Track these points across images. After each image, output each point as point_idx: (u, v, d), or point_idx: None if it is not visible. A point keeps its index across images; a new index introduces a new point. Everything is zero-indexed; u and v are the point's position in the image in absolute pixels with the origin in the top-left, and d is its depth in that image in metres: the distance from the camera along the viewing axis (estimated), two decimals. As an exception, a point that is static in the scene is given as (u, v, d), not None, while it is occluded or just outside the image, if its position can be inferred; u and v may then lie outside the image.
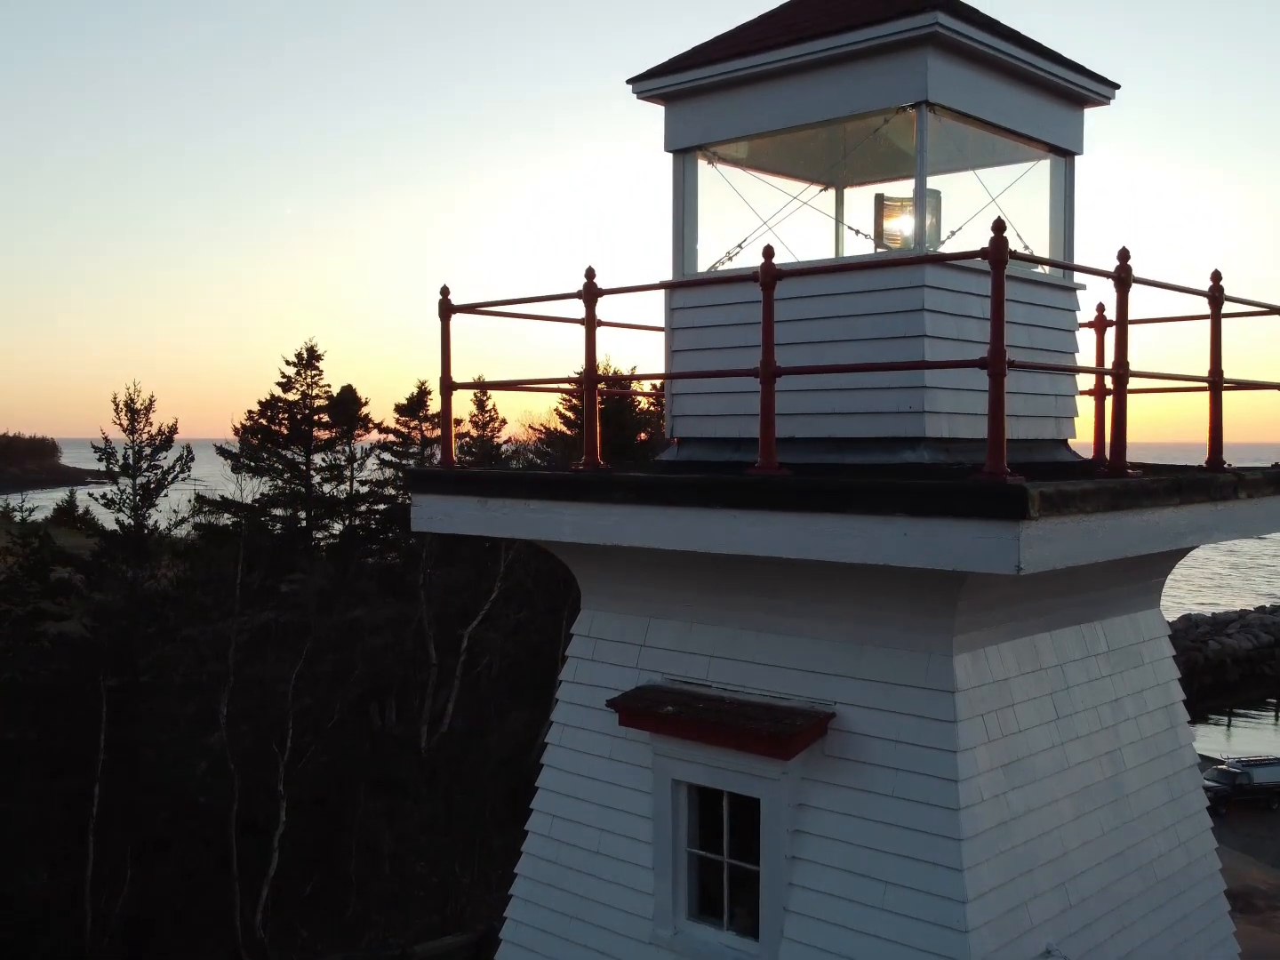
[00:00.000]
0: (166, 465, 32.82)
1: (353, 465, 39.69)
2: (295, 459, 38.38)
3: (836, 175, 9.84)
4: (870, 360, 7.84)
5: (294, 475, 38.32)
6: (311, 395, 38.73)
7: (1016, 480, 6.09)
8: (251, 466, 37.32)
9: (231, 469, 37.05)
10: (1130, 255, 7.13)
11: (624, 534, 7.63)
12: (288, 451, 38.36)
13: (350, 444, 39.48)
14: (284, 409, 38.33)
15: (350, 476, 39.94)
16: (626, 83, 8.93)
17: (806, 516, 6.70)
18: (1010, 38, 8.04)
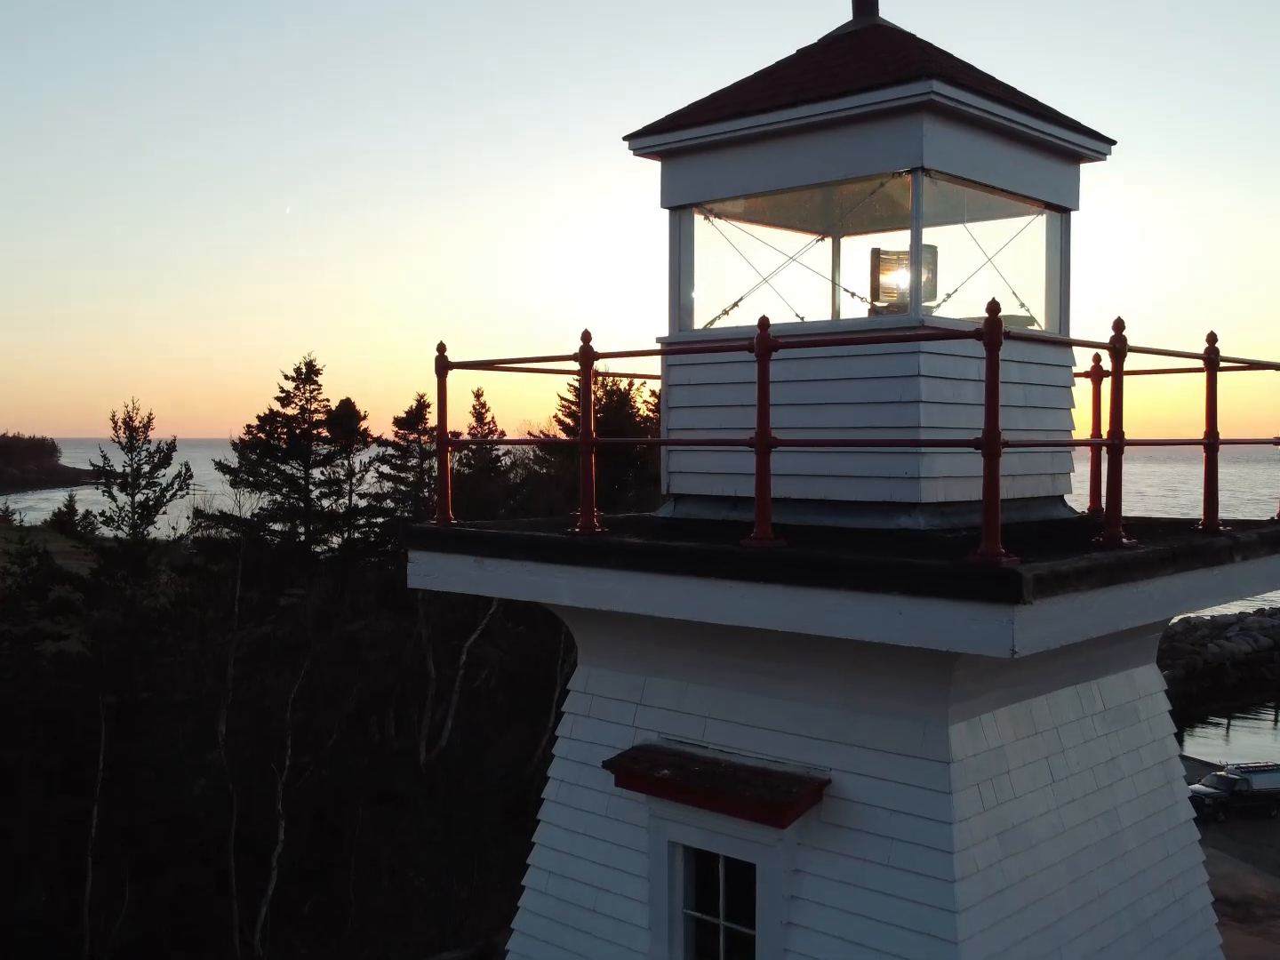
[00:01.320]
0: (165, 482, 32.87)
1: (352, 479, 39.69)
2: (294, 474, 38.39)
3: (833, 227, 9.85)
4: (866, 422, 7.86)
5: (293, 490, 38.33)
6: (310, 410, 38.76)
7: (1011, 563, 6.09)
8: (250, 481, 37.33)
9: (230, 484, 37.10)
10: (1125, 325, 7.13)
11: (620, 600, 7.64)
12: (287, 466, 38.38)
13: (349, 458, 39.48)
14: (283, 424, 38.34)
15: (349, 491, 39.94)
16: (623, 139, 8.94)
17: (801, 591, 6.70)
18: (1005, 100, 8.05)
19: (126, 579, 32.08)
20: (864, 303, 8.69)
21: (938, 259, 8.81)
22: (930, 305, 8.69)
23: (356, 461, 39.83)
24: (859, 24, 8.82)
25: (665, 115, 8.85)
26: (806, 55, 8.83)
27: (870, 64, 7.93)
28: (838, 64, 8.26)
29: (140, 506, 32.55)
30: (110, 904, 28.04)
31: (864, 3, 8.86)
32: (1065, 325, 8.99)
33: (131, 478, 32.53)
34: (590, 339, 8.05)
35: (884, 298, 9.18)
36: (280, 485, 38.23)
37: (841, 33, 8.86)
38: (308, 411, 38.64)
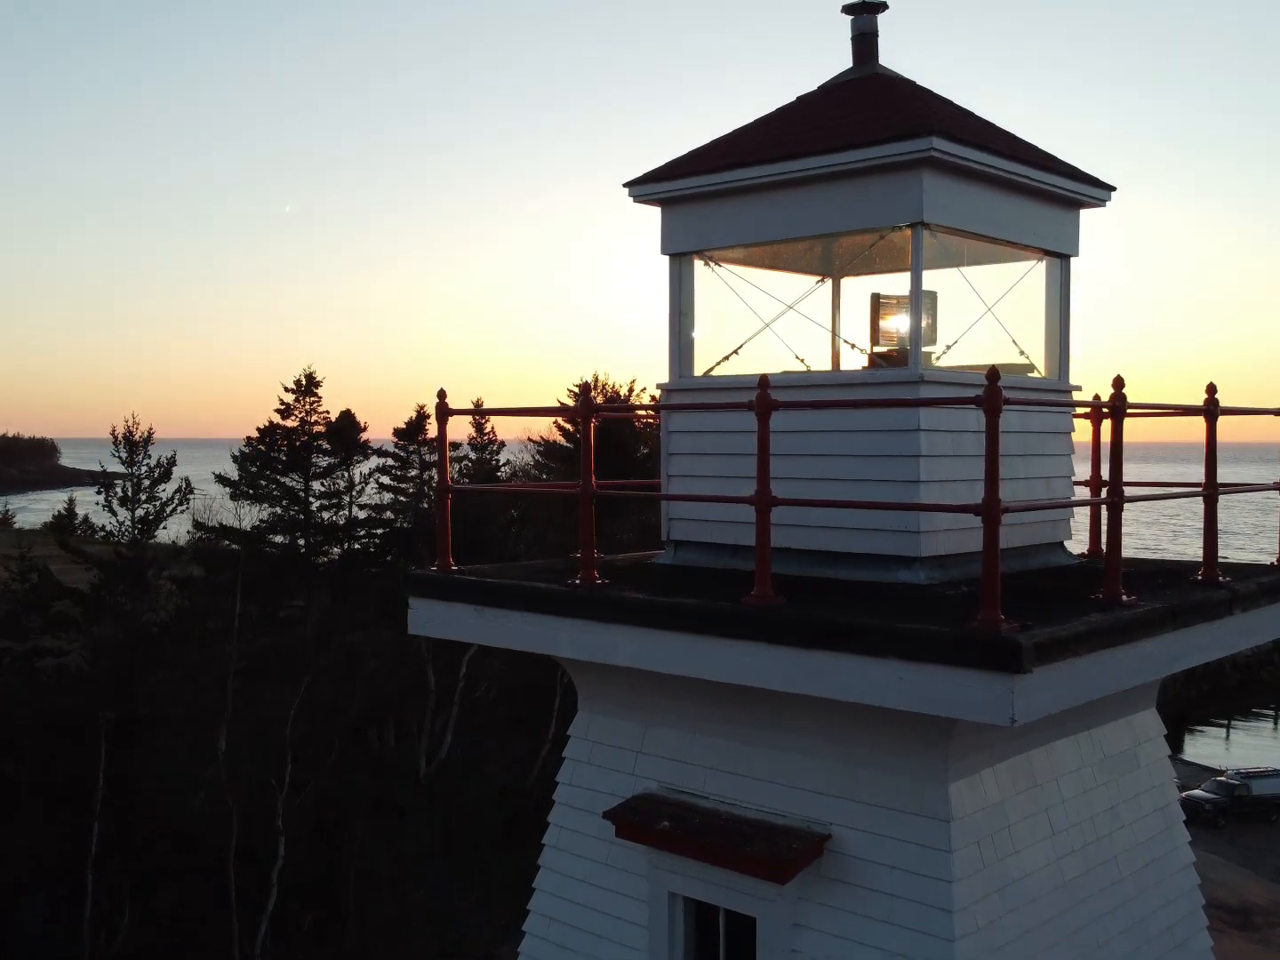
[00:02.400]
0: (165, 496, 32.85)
1: (352, 491, 39.69)
2: (294, 486, 38.40)
3: (833, 270, 9.86)
4: (867, 474, 7.88)
5: (293, 502, 38.33)
6: (310, 421, 38.76)
7: (1011, 629, 6.10)
8: (250, 494, 37.32)
9: (230, 496, 37.11)
10: (1124, 383, 7.15)
11: (620, 654, 7.66)
12: (287, 478, 38.39)
13: (349, 469, 39.49)
14: (283, 435, 38.34)
15: (349, 502, 39.95)
16: (623, 186, 8.95)
17: (801, 652, 6.72)
18: (1004, 152, 8.05)
19: (126, 593, 32.08)
20: (863, 354, 8.70)
21: (937, 305, 8.84)
22: (930, 351, 8.71)
23: (356, 473, 39.85)
24: (859, 72, 8.83)
25: (666, 162, 8.87)
26: (807, 103, 8.84)
27: (870, 116, 7.94)
28: (838, 114, 8.27)
29: (140, 521, 32.56)
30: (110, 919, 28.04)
31: (863, 50, 8.87)
32: (1065, 371, 9.00)
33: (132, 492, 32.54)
34: (590, 390, 8.06)
35: (883, 342, 9.20)
36: (280, 497, 38.24)
37: (842, 80, 8.87)
38: (308, 423, 38.65)
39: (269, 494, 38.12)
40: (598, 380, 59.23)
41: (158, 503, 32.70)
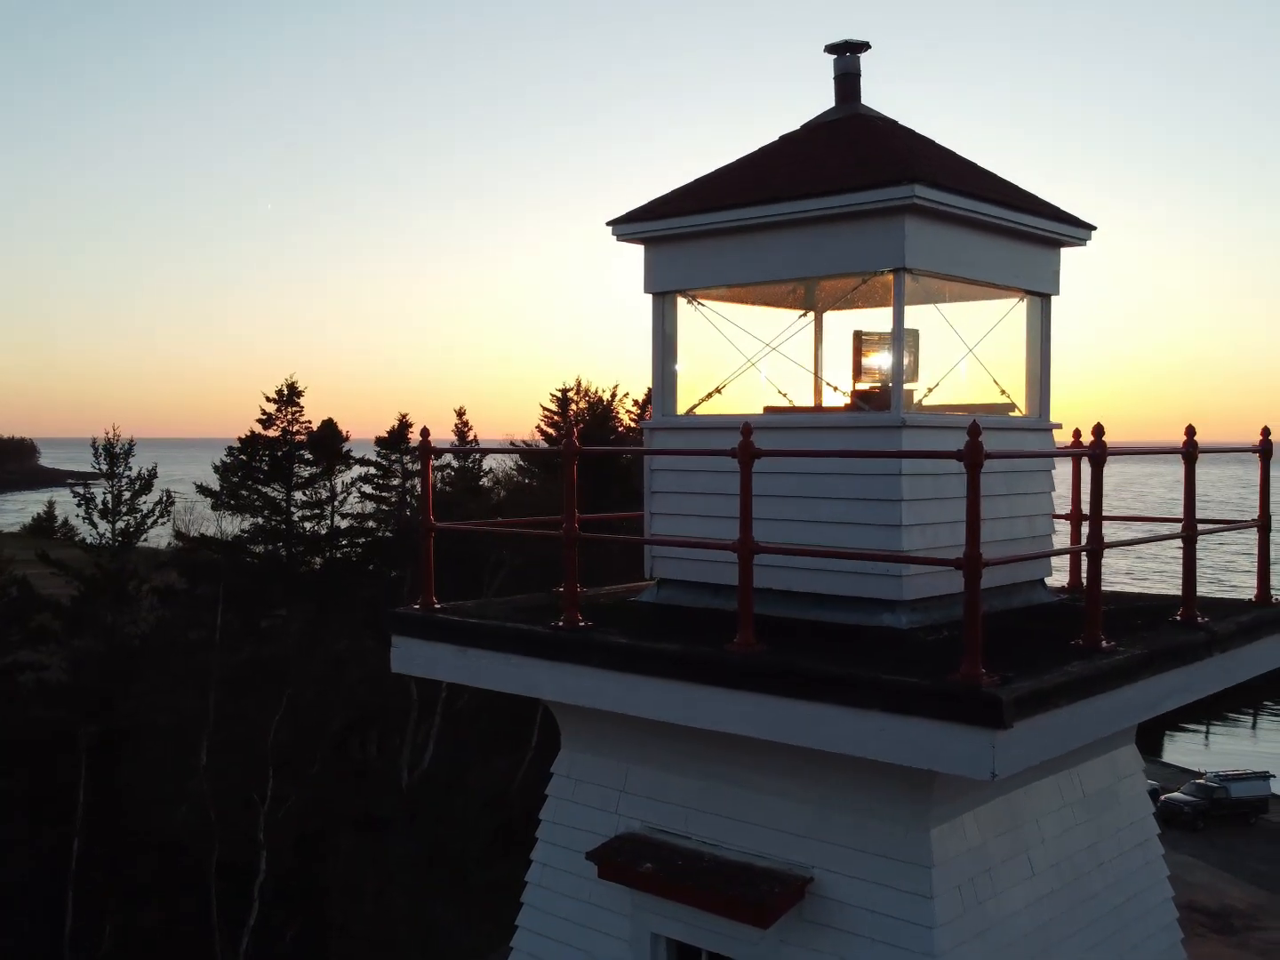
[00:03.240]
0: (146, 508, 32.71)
1: (334, 501, 39.60)
2: (275, 496, 38.29)
3: (816, 305, 9.90)
4: (849, 516, 7.92)
5: (274, 512, 38.22)
6: (293, 432, 38.65)
7: (992, 684, 6.13)
8: (232, 505, 37.20)
9: (212, 507, 36.99)
10: (1104, 430, 7.20)
11: (602, 698, 7.68)
12: (268, 489, 38.27)
13: (331, 479, 39.38)
14: (265, 446, 38.22)
15: (331, 512, 39.85)
16: (606, 224, 8.96)
17: (784, 701, 6.74)
18: (986, 196, 8.10)
19: (107, 606, 31.93)
20: (845, 396, 8.74)
21: (919, 343, 8.89)
22: (912, 388, 8.77)
23: (339, 482, 39.74)
24: (842, 111, 8.87)
25: (649, 201, 8.89)
26: (790, 143, 8.87)
27: (853, 161, 7.97)
28: (821, 157, 8.30)
29: (121, 534, 32.41)
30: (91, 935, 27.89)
31: (846, 90, 8.91)
32: (1046, 409, 9.05)
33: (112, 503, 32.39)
34: (574, 432, 8.07)
35: (866, 379, 9.24)
36: (262, 508, 38.12)
37: (825, 120, 8.90)
38: (290, 434, 38.54)
39: (251, 504, 37.98)
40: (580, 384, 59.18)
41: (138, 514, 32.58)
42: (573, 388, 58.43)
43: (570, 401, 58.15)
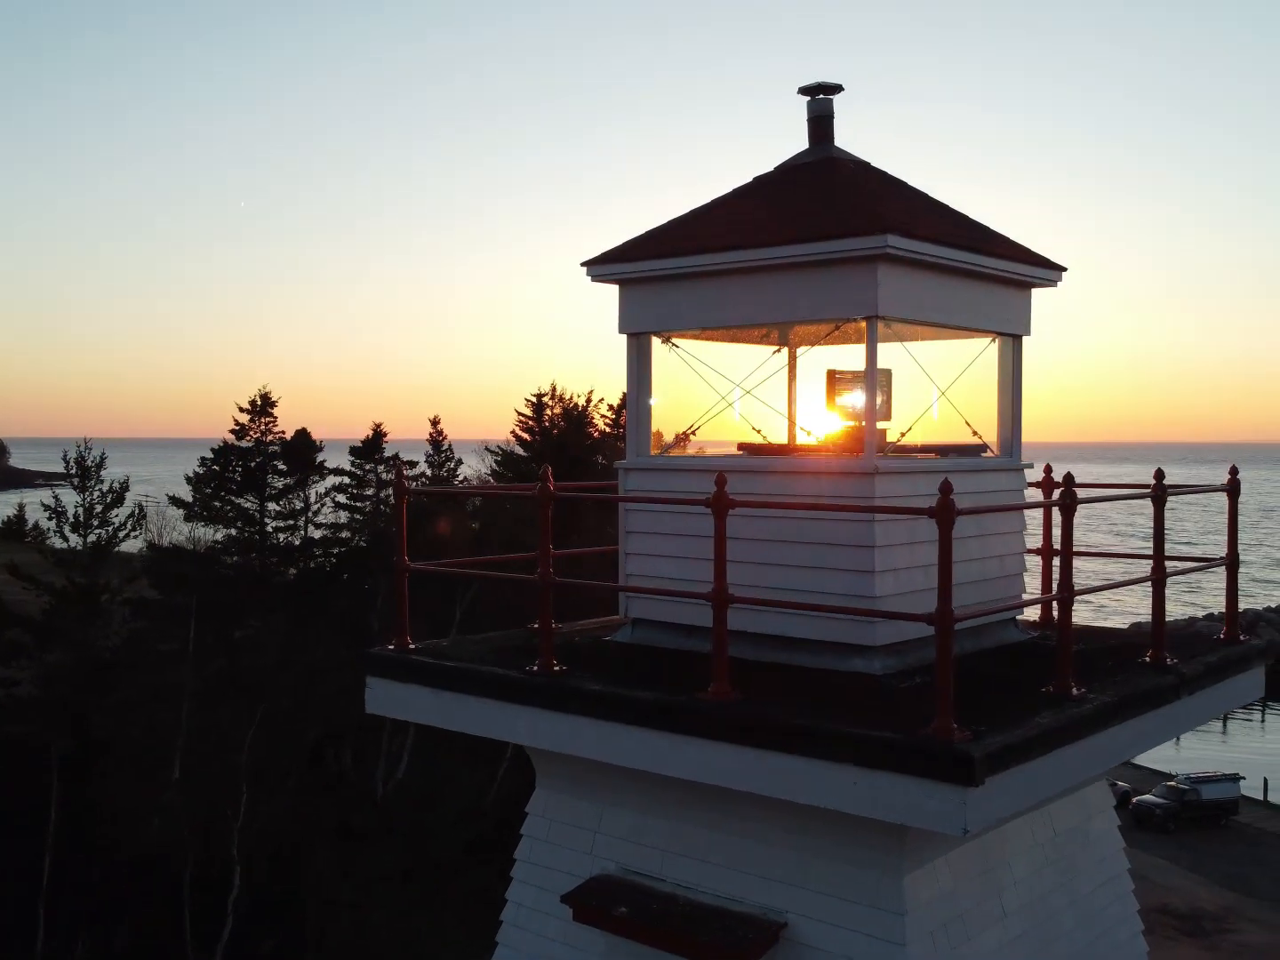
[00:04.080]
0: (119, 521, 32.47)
1: (308, 512, 39.45)
2: (249, 507, 38.12)
3: (790, 341, 9.95)
4: (822, 561, 7.96)
5: (248, 524, 38.04)
6: (266, 442, 38.47)
7: (964, 738, 6.18)
8: (205, 516, 37.00)
9: (185, 518, 36.76)
10: (1074, 479, 7.27)
11: (577, 745, 7.71)
12: (242, 500, 38.10)
13: (305, 490, 39.22)
14: (238, 456, 38.04)
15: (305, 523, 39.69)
16: (581, 265, 8.98)
17: (757, 752, 6.79)
18: (957, 242, 8.16)
19: (79, 620, 31.71)
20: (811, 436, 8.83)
21: (891, 382, 8.95)
22: (885, 427, 8.83)
23: (313, 493, 39.58)
24: (815, 154, 8.91)
25: (624, 242, 8.91)
26: (764, 185, 8.92)
27: (826, 207, 8.02)
28: (794, 202, 8.35)
29: (93, 547, 32.18)
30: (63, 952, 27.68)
31: (820, 132, 8.96)
32: (1017, 448, 9.12)
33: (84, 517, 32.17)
34: (550, 476, 8.08)
35: (839, 417, 9.31)
36: (235, 519, 37.94)
37: (798, 162, 8.95)
38: (263, 444, 38.37)
39: (224, 515, 37.80)
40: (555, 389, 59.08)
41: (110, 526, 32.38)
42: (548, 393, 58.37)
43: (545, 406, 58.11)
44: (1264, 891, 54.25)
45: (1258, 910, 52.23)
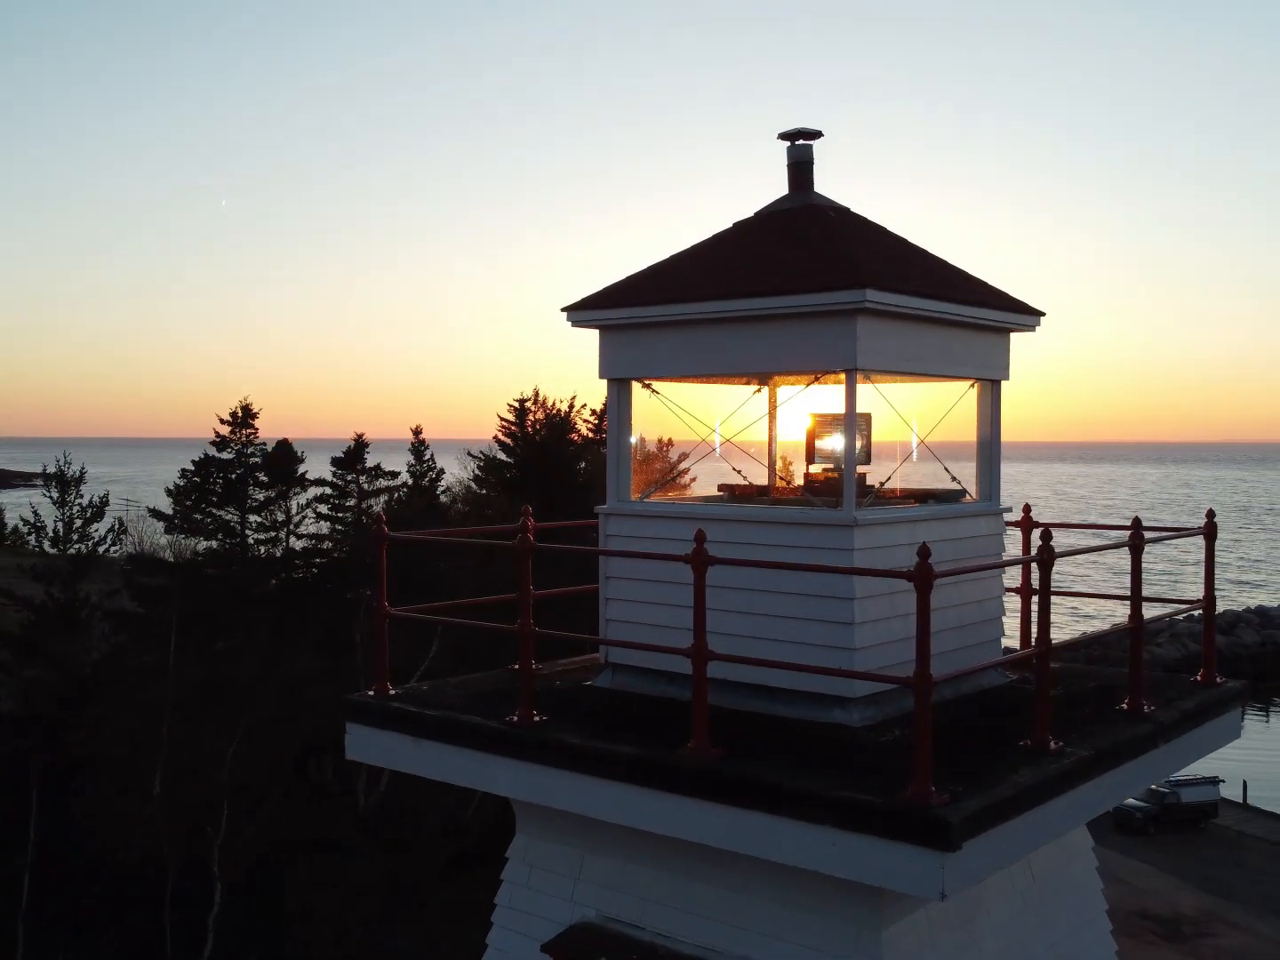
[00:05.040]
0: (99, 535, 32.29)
1: (289, 524, 39.31)
2: (230, 519, 37.98)
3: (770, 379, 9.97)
4: (801, 612, 7.99)
5: (229, 536, 37.89)
6: (247, 453, 38.33)
7: (941, 802, 6.21)
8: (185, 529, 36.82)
9: (165, 530, 36.58)
10: (1052, 535, 7.31)
11: (558, 798, 7.72)
12: (223, 512, 37.96)
13: (287, 501, 39.09)
14: (218, 468, 37.89)
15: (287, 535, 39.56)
16: (561, 310, 8.99)
17: (737, 811, 6.81)
18: (936, 293, 8.19)
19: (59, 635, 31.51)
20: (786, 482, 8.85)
21: (871, 425, 8.99)
22: (865, 470, 8.86)
23: (294, 504, 39.43)
24: (794, 201, 8.94)
25: (604, 288, 8.92)
26: (744, 233, 8.94)
27: (806, 258, 8.05)
28: (775, 252, 8.37)
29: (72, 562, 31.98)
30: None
31: (800, 178, 8.98)
32: (996, 492, 9.16)
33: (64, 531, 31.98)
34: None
35: (819, 460, 9.34)
36: (216, 531, 37.79)
37: (778, 209, 8.97)
38: (244, 455, 38.23)
39: (205, 527, 37.64)
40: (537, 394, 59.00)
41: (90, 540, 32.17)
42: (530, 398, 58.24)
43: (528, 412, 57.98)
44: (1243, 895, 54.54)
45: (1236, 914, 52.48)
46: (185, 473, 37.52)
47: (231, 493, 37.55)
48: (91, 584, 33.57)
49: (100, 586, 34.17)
